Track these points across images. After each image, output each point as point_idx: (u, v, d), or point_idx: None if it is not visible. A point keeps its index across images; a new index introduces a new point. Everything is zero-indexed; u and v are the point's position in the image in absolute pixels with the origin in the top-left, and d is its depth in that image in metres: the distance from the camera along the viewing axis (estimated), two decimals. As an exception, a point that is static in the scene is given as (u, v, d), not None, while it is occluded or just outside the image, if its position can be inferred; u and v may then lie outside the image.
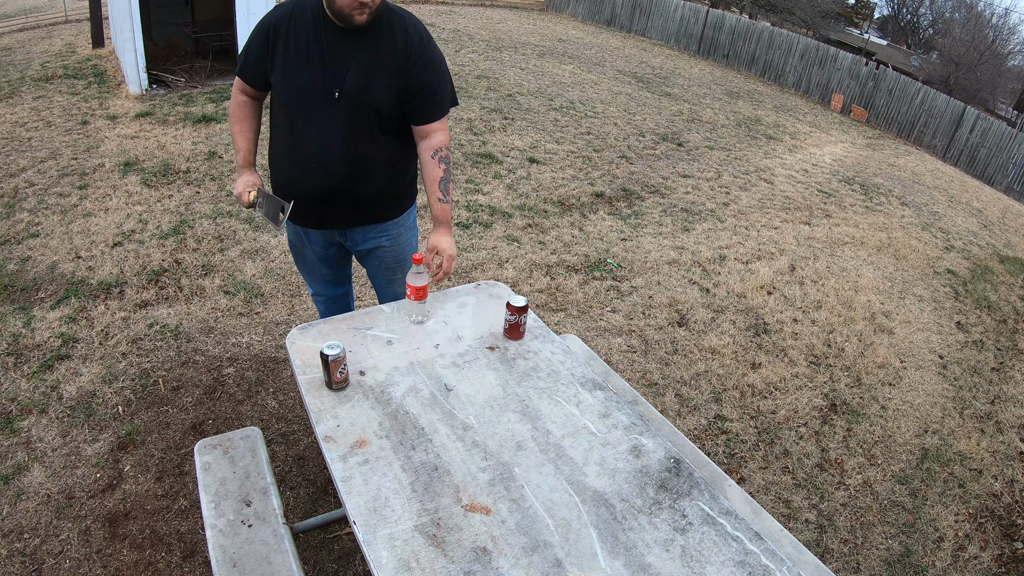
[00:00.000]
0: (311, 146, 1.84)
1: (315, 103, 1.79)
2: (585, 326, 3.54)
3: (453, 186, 1.94)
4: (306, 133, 1.83)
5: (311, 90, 1.78)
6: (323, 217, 2.00)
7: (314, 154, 1.84)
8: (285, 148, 1.91)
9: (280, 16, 1.79)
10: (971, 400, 3.73)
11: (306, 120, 1.82)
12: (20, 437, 2.41)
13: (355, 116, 1.80)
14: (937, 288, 5.03)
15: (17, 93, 6.01)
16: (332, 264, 2.22)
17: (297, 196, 1.92)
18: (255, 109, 2.01)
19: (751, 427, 3.06)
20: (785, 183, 6.68)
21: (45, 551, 2.04)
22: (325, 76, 1.76)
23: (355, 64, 1.76)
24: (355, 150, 1.84)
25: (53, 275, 3.35)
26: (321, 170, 1.85)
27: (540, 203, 4.97)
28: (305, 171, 1.87)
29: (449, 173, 1.94)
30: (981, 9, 24.48)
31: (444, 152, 1.91)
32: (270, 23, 1.80)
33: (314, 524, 2.15)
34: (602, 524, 1.36)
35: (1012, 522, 2.92)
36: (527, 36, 12.30)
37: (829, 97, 13.44)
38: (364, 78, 1.77)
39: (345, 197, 1.92)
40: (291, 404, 2.71)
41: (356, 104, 1.78)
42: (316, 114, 1.80)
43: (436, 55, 1.86)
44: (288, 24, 1.78)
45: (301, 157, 1.86)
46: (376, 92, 1.78)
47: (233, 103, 1.99)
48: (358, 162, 1.86)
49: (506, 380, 1.71)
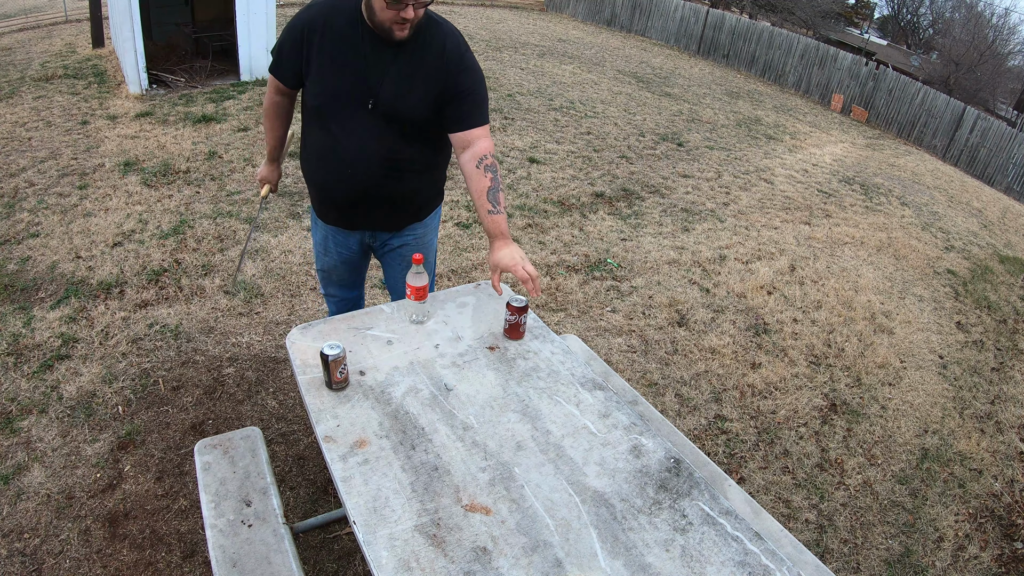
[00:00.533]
0: (346, 151, 1.83)
1: (350, 110, 1.79)
2: (585, 326, 3.54)
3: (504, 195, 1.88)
4: (340, 138, 1.83)
5: (346, 97, 1.77)
6: (356, 219, 2.02)
7: (349, 158, 1.84)
8: (318, 151, 1.91)
9: (313, 17, 1.78)
10: (971, 400, 3.73)
11: (341, 125, 1.81)
12: (20, 437, 2.41)
13: (390, 124, 1.80)
14: (937, 288, 5.03)
15: (17, 93, 6.01)
16: (353, 267, 2.24)
17: (332, 199, 1.97)
18: (286, 108, 2.04)
19: (751, 427, 3.06)
20: (785, 183, 6.68)
21: (45, 551, 2.04)
22: (361, 85, 1.76)
23: (392, 75, 1.76)
24: (390, 155, 1.84)
25: (53, 275, 3.35)
26: (357, 174, 1.86)
27: (540, 203, 4.97)
28: (341, 175, 1.88)
29: (497, 182, 1.84)
30: (981, 9, 24.48)
31: (489, 160, 1.83)
32: (303, 23, 1.79)
33: (314, 524, 2.15)
34: (602, 524, 1.36)
35: (1012, 522, 2.92)
36: (527, 36, 12.30)
37: (829, 97, 13.44)
38: (400, 90, 1.76)
39: (379, 200, 1.92)
40: (291, 404, 2.71)
41: (391, 114, 1.78)
42: (351, 120, 1.80)
43: (474, 63, 1.84)
44: (323, 27, 1.76)
45: (336, 161, 1.87)
46: (411, 103, 1.78)
47: (266, 101, 2.03)
48: (393, 167, 1.86)
49: (506, 380, 1.71)
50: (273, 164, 2.23)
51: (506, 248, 1.81)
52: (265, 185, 2.27)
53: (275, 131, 2.09)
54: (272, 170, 2.25)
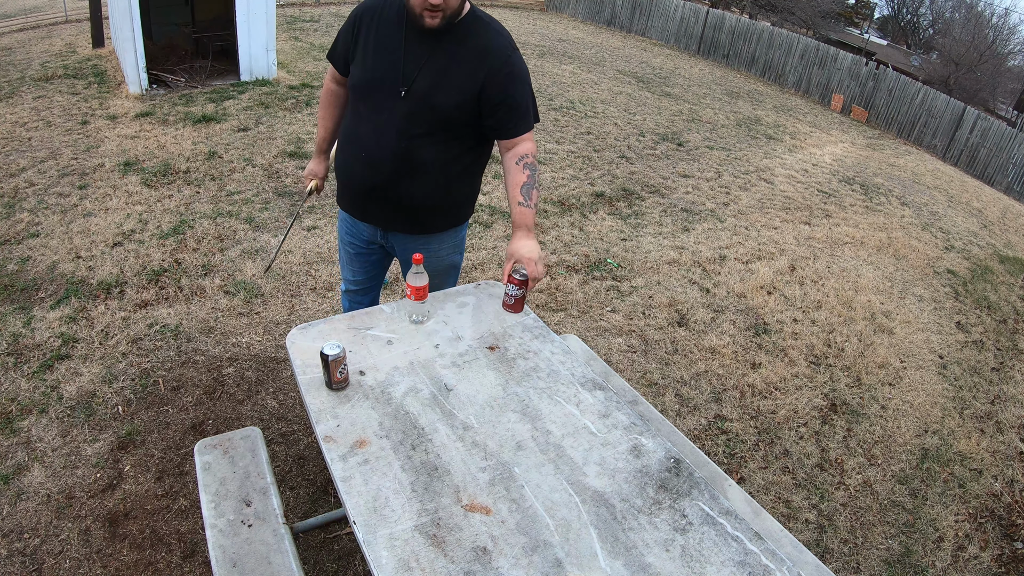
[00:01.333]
0: (365, 137, 1.84)
1: (381, 96, 1.78)
2: (585, 326, 3.54)
3: (538, 193, 1.88)
4: (365, 123, 1.84)
5: (380, 82, 1.78)
6: (367, 210, 1.99)
7: (366, 146, 1.84)
8: (346, 134, 1.93)
9: (372, 5, 1.81)
10: (971, 400, 3.73)
11: (369, 110, 1.82)
12: (20, 437, 2.41)
13: (416, 116, 1.77)
14: (937, 288, 5.02)
15: (17, 93, 6.01)
16: (364, 264, 2.20)
17: (346, 182, 1.97)
18: (341, 98, 2.03)
19: (751, 427, 3.06)
20: (785, 183, 6.68)
21: (45, 551, 2.04)
22: (396, 72, 1.75)
23: (430, 66, 1.74)
24: (406, 150, 1.81)
25: (53, 275, 3.35)
26: (369, 163, 1.85)
27: (540, 203, 4.97)
28: (356, 161, 1.88)
29: (534, 179, 1.85)
30: (981, 9, 24.48)
31: (530, 159, 1.85)
32: (359, 11, 1.82)
33: (314, 524, 2.15)
34: (602, 524, 1.36)
35: (1012, 522, 2.92)
36: (527, 36, 12.30)
37: (829, 97, 13.44)
38: (434, 81, 1.74)
39: (388, 196, 1.90)
40: (291, 404, 2.71)
41: (420, 105, 1.76)
42: (378, 107, 1.79)
43: (520, 67, 1.80)
44: (376, 15, 1.79)
45: (356, 146, 1.87)
46: (443, 96, 1.75)
47: (323, 89, 2.06)
48: (406, 162, 1.83)
49: (506, 380, 1.71)
50: (321, 157, 2.20)
51: (527, 240, 1.83)
52: (311, 180, 2.22)
53: (326, 121, 2.08)
54: (319, 163, 2.21)
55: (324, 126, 2.10)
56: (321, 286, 3.50)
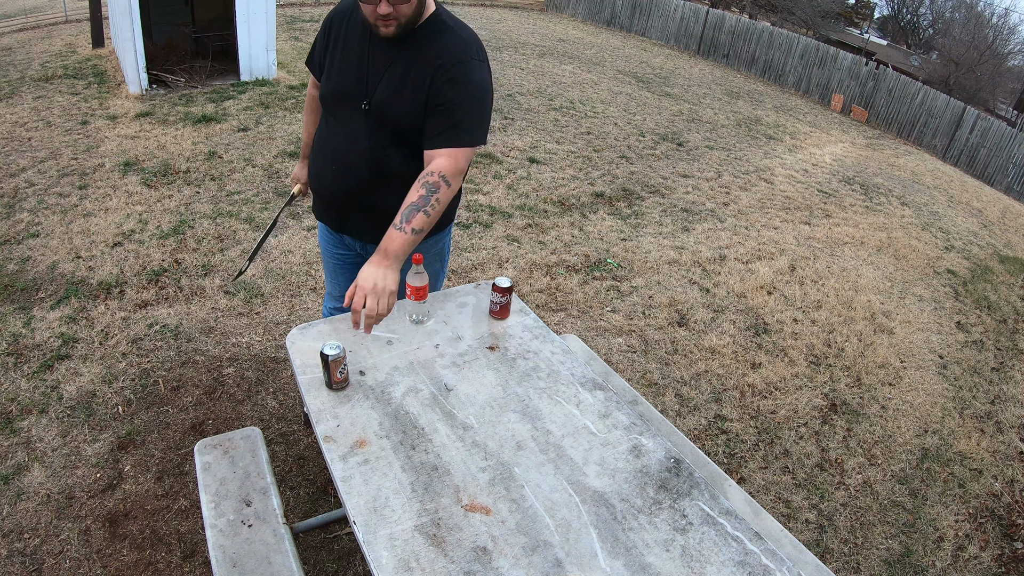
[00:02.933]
0: (337, 146, 1.82)
1: (346, 108, 1.76)
2: (585, 326, 3.54)
3: (425, 220, 1.61)
4: (335, 133, 1.82)
5: (345, 94, 1.75)
6: (343, 220, 1.96)
7: (338, 155, 1.81)
8: (318, 144, 1.91)
9: (341, 10, 1.77)
10: (971, 400, 3.73)
11: (338, 121, 1.80)
12: (20, 437, 2.41)
13: (380, 128, 1.75)
14: (937, 288, 5.02)
15: (17, 93, 6.01)
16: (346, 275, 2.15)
17: (321, 193, 1.95)
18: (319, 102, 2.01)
19: (751, 427, 3.06)
20: (785, 183, 6.68)
21: (45, 551, 2.04)
22: (359, 84, 1.72)
23: (388, 76, 1.69)
24: (376, 159, 1.78)
25: (53, 275, 3.35)
26: (341, 172, 1.82)
27: (540, 203, 4.97)
28: (328, 170, 1.85)
29: (426, 202, 1.60)
30: (981, 9, 24.48)
31: (434, 177, 1.61)
32: (330, 16, 1.79)
33: (314, 524, 2.15)
34: (602, 524, 1.36)
35: (1012, 522, 2.92)
36: (527, 36, 12.29)
37: (829, 97, 13.44)
38: (392, 92, 1.69)
39: (364, 204, 1.86)
40: (291, 404, 2.71)
41: (381, 117, 1.73)
42: (345, 117, 1.77)
43: (471, 76, 1.63)
44: (346, 20, 1.74)
45: (328, 155, 1.85)
46: (400, 108, 1.69)
47: (307, 95, 2.05)
48: (378, 172, 1.80)
49: (506, 380, 1.71)
50: (305, 162, 2.17)
51: (372, 267, 1.57)
52: (296, 184, 2.22)
53: (309, 127, 2.07)
54: (304, 168, 2.18)
55: (308, 131, 2.09)
56: (321, 286, 3.50)
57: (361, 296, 1.53)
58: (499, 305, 1.92)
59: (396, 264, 1.59)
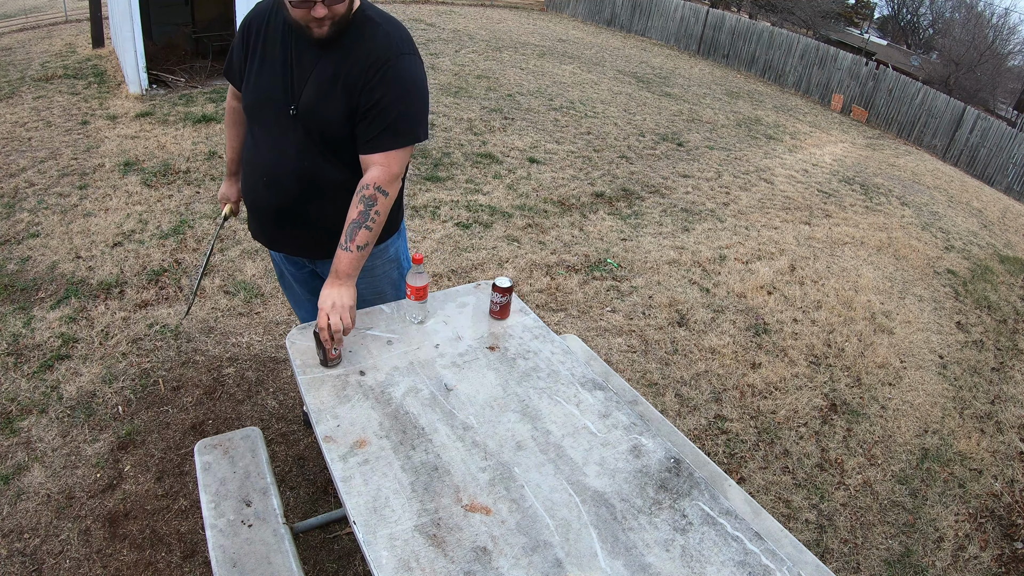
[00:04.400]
0: (266, 158, 1.70)
1: (273, 116, 1.64)
2: (585, 326, 3.54)
3: (369, 235, 1.63)
4: (262, 144, 1.70)
5: (270, 102, 1.63)
6: (276, 237, 1.84)
7: (268, 167, 1.70)
8: (247, 159, 1.78)
9: (258, 13, 1.66)
10: (971, 400, 3.73)
11: (264, 132, 1.68)
12: (20, 437, 2.41)
13: (310, 135, 1.63)
14: (937, 288, 5.03)
15: (17, 93, 6.01)
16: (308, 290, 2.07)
17: (253, 211, 1.83)
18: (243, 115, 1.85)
19: (751, 427, 3.06)
20: (785, 183, 6.68)
21: (45, 551, 2.04)
22: (285, 90, 1.61)
23: (314, 80, 1.59)
24: (308, 169, 1.66)
25: (53, 275, 3.35)
26: (272, 185, 1.70)
27: (540, 203, 4.97)
28: (259, 184, 1.73)
29: (367, 218, 1.60)
30: (981, 9, 24.49)
31: (370, 191, 1.59)
32: (247, 21, 1.67)
33: (314, 524, 2.15)
34: (602, 524, 1.36)
35: (1012, 522, 2.92)
36: (527, 36, 12.29)
37: (829, 97, 13.44)
38: (318, 95, 1.59)
39: (297, 219, 1.74)
40: (291, 404, 2.71)
41: (310, 123, 1.62)
42: (272, 126, 1.66)
43: (403, 72, 1.58)
44: (264, 23, 1.63)
45: (257, 168, 1.73)
46: (327, 113, 1.59)
47: (226, 107, 1.90)
48: (311, 183, 1.68)
49: (506, 380, 1.71)
50: (232, 179, 2.01)
51: (330, 289, 1.62)
52: (226, 205, 2.04)
53: (232, 141, 1.91)
54: (231, 186, 2.02)
55: (231, 147, 1.92)
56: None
57: (324, 316, 1.59)
58: (499, 305, 1.92)
59: (350, 281, 1.64)
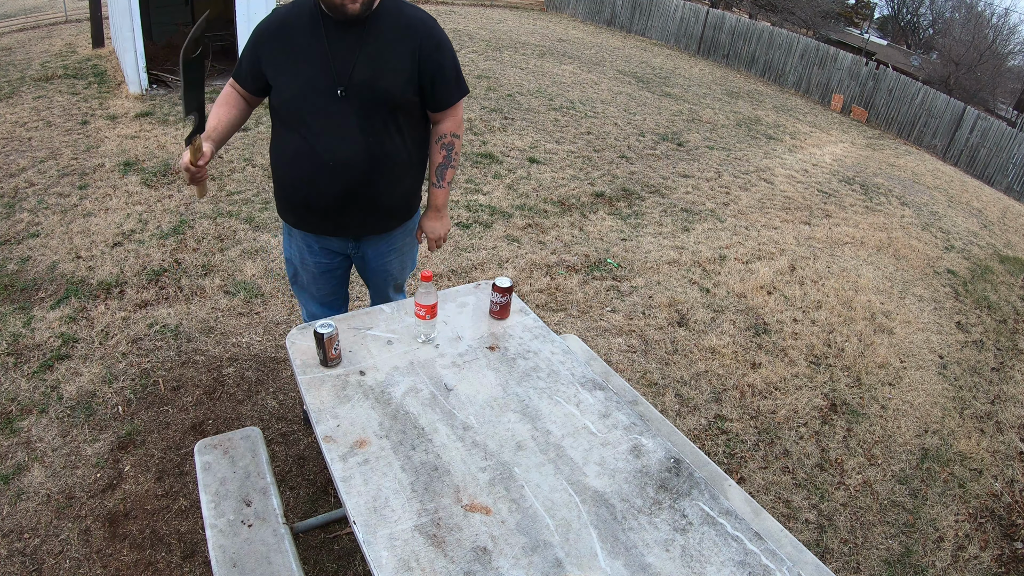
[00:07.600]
0: (326, 144, 1.75)
1: (322, 102, 1.72)
2: (585, 326, 3.54)
3: (453, 172, 1.97)
4: (317, 133, 1.76)
5: (314, 89, 1.72)
6: (340, 222, 1.91)
7: (329, 153, 1.76)
8: (293, 153, 1.82)
9: (272, 21, 1.76)
10: (971, 400, 3.73)
11: (312, 118, 1.75)
12: (20, 437, 2.41)
13: (367, 111, 1.74)
14: (937, 288, 5.02)
15: (17, 93, 6.01)
16: (333, 281, 2.13)
17: (313, 201, 1.86)
18: (239, 100, 1.91)
19: (751, 427, 3.06)
20: (785, 183, 6.68)
21: (45, 551, 2.04)
22: (328, 74, 1.70)
23: (362, 57, 1.71)
24: (373, 146, 1.77)
25: (53, 275, 3.35)
26: (338, 169, 1.77)
27: (540, 203, 4.97)
28: (321, 171, 1.78)
29: (450, 160, 1.94)
30: (981, 9, 24.49)
31: (448, 139, 1.91)
32: (261, 30, 1.77)
33: (314, 524, 2.15)
34: (602, 524, 1.35)
35: (1012, 522, 2.92)
36: (527, 36, 12.29)
37: (829, 97, 13.44)
38: (373, 69, 1.71)
39: (365, 198, 1.84)
40: (291, 404, 2.71)
41: (366, 99, 1.73)
42: (324, 112, 1.73)
43: (444, 37, 1.82)
44: (283, 27, 1.74)
45: (316, 157, 1.77)
46: (388, 82, 1.73)
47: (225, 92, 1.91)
48: (377, 160, 1.79)
49: (506, 380, 1.71)
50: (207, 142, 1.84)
51: (432, 221, 2.06)
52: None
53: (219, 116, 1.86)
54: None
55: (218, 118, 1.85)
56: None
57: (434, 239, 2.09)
58: (499, 305, 1.92)
59: (445, 211, 2.08)
